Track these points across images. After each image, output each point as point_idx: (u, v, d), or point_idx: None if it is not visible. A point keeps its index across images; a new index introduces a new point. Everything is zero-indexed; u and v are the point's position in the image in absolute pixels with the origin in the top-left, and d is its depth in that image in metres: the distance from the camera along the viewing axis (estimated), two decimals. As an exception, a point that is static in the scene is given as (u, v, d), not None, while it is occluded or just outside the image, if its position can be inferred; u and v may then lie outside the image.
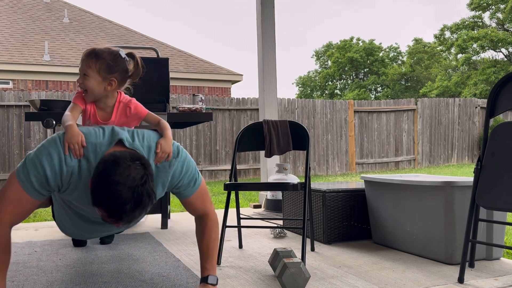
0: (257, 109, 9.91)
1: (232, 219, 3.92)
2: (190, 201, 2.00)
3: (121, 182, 1.56)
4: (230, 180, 2.84)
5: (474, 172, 2.31)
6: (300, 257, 2.64)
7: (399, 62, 36.26)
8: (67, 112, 1.92)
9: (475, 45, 24.87)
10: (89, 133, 1.77)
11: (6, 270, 1.77)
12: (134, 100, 2.04)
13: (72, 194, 1.80)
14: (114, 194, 1.56)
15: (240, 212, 3.18)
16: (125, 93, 2.05)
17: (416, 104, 11.61)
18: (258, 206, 4.95)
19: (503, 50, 25.42)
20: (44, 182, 1.71)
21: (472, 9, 25.90)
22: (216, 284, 1.97)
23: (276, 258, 2.41)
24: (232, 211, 4.23)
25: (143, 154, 1.77)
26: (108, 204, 1.58)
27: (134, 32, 15.07)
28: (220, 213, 4.33)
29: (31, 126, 8.22)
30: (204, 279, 1.97)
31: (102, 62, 1.91)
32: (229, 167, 9.77)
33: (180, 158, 1.90)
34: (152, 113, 2.04)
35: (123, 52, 1.98)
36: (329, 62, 36.78)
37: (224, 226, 2.73)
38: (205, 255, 2.00)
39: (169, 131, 1.93)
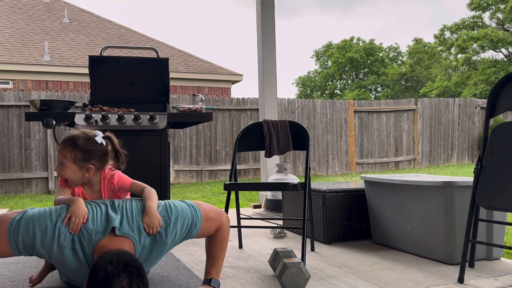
0: (257, 109, 9.91)
1: (232, 219, 3.92)
2: (200, 236, 2.00)
3: None
4: (230, 180, 2.84)
5: (474, 172, 2.31)
6: (300, 257, 2.64)
7: (399, 62, 36.26)
8: (58, 197, 1.91)
9: (475, 45, 24.88)
10: (89, 216, 1.79)
11: None
12: (117, 173, 2.02)
13: (59, 264, 1.81)
14: None
15: (240, 212, 3.18)
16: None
17: (416, 104, 11.61)
18: (258, 206, 4.95)
19: (503, 50, 25.44)
20: (29, 248, 1.73)
21: (472, 9, 25.91)
22: None
23: (276, 258, 2.41)
24: (232, 211, 4.23)
25: (134, 238, 1.79)
26: None
27: (134, 32, 15.07)
28: (220, 213, 4.33)
29: (31, 126, 8.22)
30: (207, 281, 1.98)
31: (78, 152, 1.88)
32: (229, 167, 9.77)
33: (172, 221, 1.87)
34: (136, 182, 2.02)
35: (99, 137, 1.94)
36: (329, 62, 36.78)
37: (224, 226, 2.73)
38: (211, 261, 2.02)
39: (151, 201, 1.89)
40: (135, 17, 69.47)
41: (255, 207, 4.95)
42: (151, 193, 1.95)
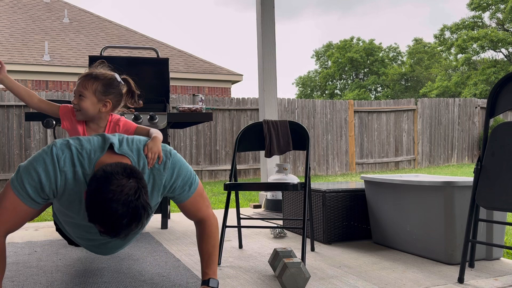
0: (257, 109, 9.91)
1: (232, 219, 3.92)
2: (186, 206, 1.98)
3: (114, 199, 1.55)
4: (230, 180, 2.84)
5: (474, 172, 2.31)
6: (300, 257, 2.64)
7: (399, 62, 36.27)
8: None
9: (475, 45, 24.89)
10: (83, 140, 1.79)
11: (2, 277, 1.78)
12: (123, 118, 2.11)
13: (66, 201, 1.79)
14: (108, 211, 1.55)
15: (240, 212, 3.18)
16: (126, 110, 2.12)
17: (416, 104, 11.61)
18: (258, 206, 4.95)
19: (503, 50, 25.44)
20: (39, 189, 1.70)
21: (472, 9, 25.91)
22: (217, 287, 1.98)
23: (276, 258, 2.41)
24: (232, 211, 4.23)
25: (133, 158, 1.79)
26: (104, 221, 1.58)
27: (134, 32, 15.07)
28: (220, 213, 4.34)
29: (31, 126, 8.22)
30: (205, 282, 1.97)
31: (99, 84, 1.98)
32: (229, 167, 9.77)
33: (173, 160, 1.88)
34: (141, 125, 2.10)
35: (118, 76, 2.05)
36: (329, 62, 36.79)
37: (224, 226, 2.73)
38: (205, 261, 2.01)
39: (157, 135, 1.93)
40: (135, 17, 69.46)
41: (255, 207, 4.95)
42: (157, 132, 1.99)
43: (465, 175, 8.85)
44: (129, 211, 1.57)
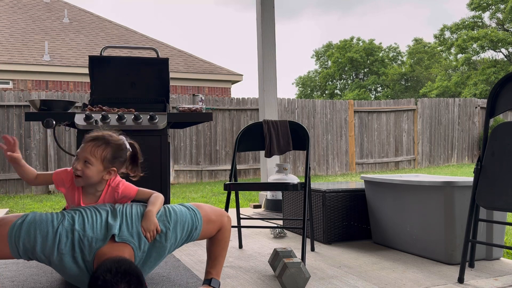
0: (257, 109, 9.90)
1: (232, 219, 3.91)
2: (201, 238, 1.99)
3: None
4: (230, 180, 2.84)
5: (474, 172, 2.31)
6: (300, 257, 2.64)
7: (399, 62, 36.27)
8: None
9: (475, 45, 24.89)
10: (87, 223, 1.76)
11: None
12: (122, 182, 1.95)
13: (58, 269, 1.81)
14: None
15: (240, 212, 3.18)
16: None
17: (416, 104, 11.61)
18: (258, 206, 4.95)
19: (503, 50, 25.44)
20: (29, 252, 1.73)
21: (472, 9, 25.92)
22: None
23: (276, 258, 2.41)
24: (232, 211, 4.23)
25: (134, 243, 1.78)
26: None
27: (134, 32, 15.07)
28: (220, 213, 4.33)
29: (31, 126, 8.22)
30: (207, 281, 1.98)
31: (109, 151, 1.84)
32: (229, 167, 9.76)
33: (173, 225, 1.85)
34: (142, 189, 1.97)
35: (126, 142, 1.93)
36: (329, 62, 36.79)
37: (224, 226, 2.72)
38: (212, 261, 2.02)
39: (152, 207, 1.86)
40: (135, 17, 69.49)
41: (255, 207, 4.95)
42: (156, 199, 1.92)
43: (465, 175, 8.85)
44: None
